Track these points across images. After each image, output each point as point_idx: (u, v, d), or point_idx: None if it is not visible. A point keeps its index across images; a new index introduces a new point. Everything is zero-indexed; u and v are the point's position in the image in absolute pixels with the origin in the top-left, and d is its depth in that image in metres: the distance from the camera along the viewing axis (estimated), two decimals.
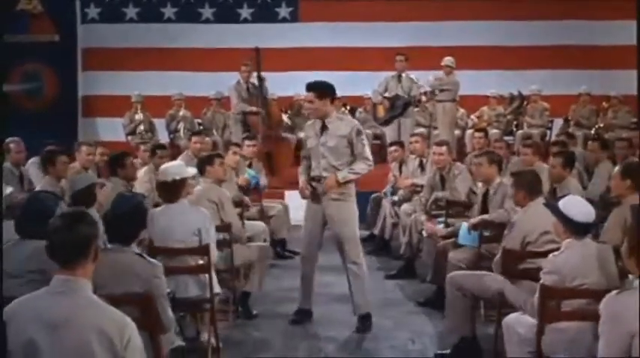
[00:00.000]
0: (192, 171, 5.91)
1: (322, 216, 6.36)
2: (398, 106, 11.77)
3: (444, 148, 8.10)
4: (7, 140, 8.54)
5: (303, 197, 6.45)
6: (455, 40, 13.95)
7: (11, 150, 8.44)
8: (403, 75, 11.93)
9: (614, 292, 3.24)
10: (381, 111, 12.06)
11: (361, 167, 6.26)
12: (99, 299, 2.92)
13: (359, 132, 6.30)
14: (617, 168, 6.26)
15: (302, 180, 6.47)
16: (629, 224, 3.34)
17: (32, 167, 8.73)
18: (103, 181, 6.83)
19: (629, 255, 3.22)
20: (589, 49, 14.25)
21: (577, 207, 4.41)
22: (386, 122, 12.02)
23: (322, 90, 6.31)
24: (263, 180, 9.48)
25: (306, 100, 6.46)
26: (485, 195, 6.88)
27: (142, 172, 8.33)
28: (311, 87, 6.35)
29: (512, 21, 14.46)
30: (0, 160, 7.10)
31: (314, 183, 6.35)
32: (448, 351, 5.62)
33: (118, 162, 7.48)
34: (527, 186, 5.54)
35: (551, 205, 4.62)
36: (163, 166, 6.00)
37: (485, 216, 6.61)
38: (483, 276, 5.55)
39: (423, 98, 12.10)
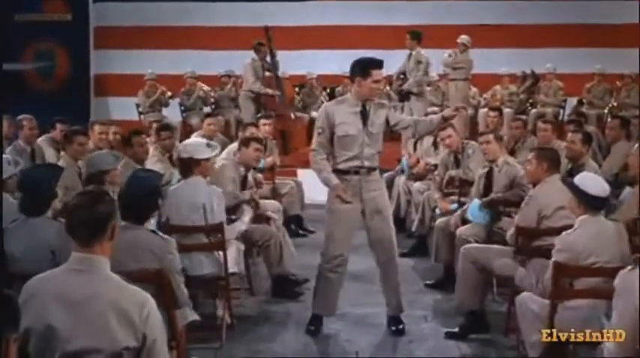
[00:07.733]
0: (207, 152, 5.78)
1: (360, 214, 5.62)
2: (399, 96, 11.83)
3: (449, 130, 7.79)
4: (20, 117, 8.59)
5: (344, 201, 5.48)
6: (467, 19, 13.91)
7: (24, 127, 8.49)
8: (413, 53, 11.66)
9: (628, 267, 3.27)
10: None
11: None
12: (117, 276, 2.91)
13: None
14: (636, 145, 6.22)
15: (336, 182, 5.50)
16: None
17: (45, 145, 8.77)
18: (118, 154, 6.78)
19: None
20: (602, 27, 14.13)
21: (592, 181, 4.51)
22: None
23: None
24: (269, 161, 9.35)
25: (379, 80, 5.68)
26: (490, 174, 6.84)
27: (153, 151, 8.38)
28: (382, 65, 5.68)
29: None
30: None
31: (350, 176, 5.55)
32: (457, 329, 5.65)
33: (126, 141, 7.54)
34: (550, 160, 5.51)
35: (567, 181, 4.72)
36: (184, 142, 6.04)
37: (500, 195, 6.58)
38: (497, 254, 5.55)
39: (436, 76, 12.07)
